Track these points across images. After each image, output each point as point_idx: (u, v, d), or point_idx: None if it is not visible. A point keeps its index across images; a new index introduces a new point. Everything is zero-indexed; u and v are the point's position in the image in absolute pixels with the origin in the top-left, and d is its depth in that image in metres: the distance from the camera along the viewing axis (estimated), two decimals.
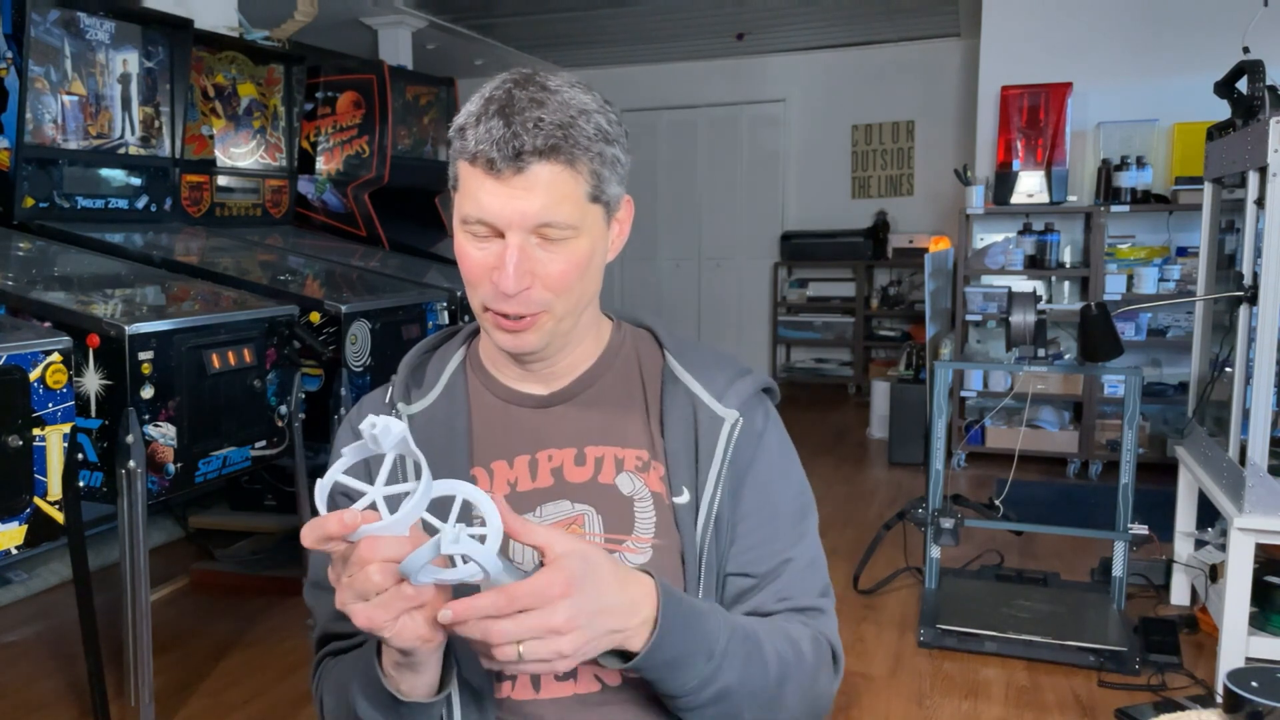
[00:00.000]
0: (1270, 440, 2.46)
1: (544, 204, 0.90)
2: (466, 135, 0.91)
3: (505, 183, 0.89)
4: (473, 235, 0.93)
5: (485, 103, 0.91)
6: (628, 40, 6.84)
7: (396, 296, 3.11)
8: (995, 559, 3.42)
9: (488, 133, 0.89)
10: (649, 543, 0.98)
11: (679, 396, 1.03)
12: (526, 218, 0.90)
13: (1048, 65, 4.90)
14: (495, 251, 0.92)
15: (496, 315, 0.95)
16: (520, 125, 0.88)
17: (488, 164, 0.89)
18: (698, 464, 1.00)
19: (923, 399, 4.66)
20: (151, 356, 2.16)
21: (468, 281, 0.96)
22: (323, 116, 4.05)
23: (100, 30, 2.91)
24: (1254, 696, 1.00)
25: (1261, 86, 2.59)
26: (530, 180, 0.89)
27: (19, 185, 2.73)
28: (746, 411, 1.03)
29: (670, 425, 1.02)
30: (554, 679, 0.96)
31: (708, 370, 1.05)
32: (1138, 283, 4.67)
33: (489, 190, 0.90)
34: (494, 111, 0.90)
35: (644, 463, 1.01)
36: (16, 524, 1.87)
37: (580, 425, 1.02)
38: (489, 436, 1.02)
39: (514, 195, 0.89)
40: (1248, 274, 2.57)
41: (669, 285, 7.75)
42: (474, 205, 0.91)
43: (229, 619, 3.03)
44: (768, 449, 1.05)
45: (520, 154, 0.88)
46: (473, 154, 0.90)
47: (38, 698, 2.55)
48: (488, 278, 0.93)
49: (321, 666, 1.03)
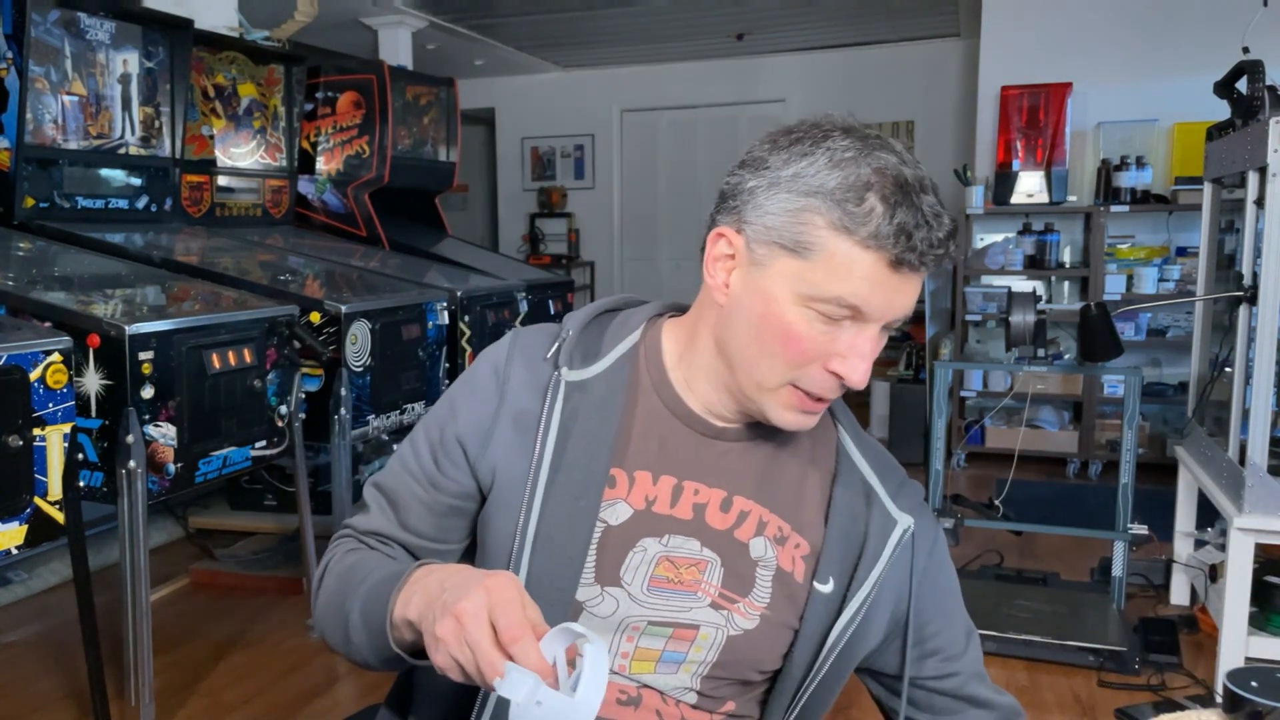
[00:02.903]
0: (1270, 440, 2.46)
1: (910, 306, 0.87)
2: (872, 217, 0.81)
3: (905, 280, 0.84)
4: (819, 315, 0.85)
5: (891, 184, 0.82)
6: (628, 40, 6.83)
7: (396, 296, 3.11)
8: (995, 559, 3.41)
9: (899, 227, 0.81)
10: (760, 611, 0.94)
11: (854, 485, 0.98)
12: (902, 316, 0.87)
13: (1048, 65, 4.90)
14: (844, 338, 0.86)
15: (803, 398, 0.89)
16: (938, 230, 0.83)
17: (897, 262, 0.82)
18: (860, 559, 0.95)
19: (922, 399, 4.66)
20: (151, 356, 2.16)
21: (781, 358, 0.87)
22: (323, 116, 4.05)
23: (100, 30, 2.91)
24: (1254, 696, 1.00)
25: (1261, 86, 2.59)
26: (917, 280, 0.85)
27: (19, 185, 2.73)
28: (919, 519, 1.00)
29: (839, 511, 0.97)
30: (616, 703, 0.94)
31: (879, 462, 1.01)
32: (1137, 283, 4.67)
33: (882, 283, 0.83)
34: (908, 203, 0.82)
35: (783, 534, 0.96)
36: (16, 524, 1.87)
37: (738, 471, 0.96)
38: (642, 442, 0.95)
39: (905, 294, 0.85)
40: (1247, 274, 2.57)
41: (669, 285, 7.74)
42: (852, 291, 0.83)
43: (229, 619, 3.03)
44: (945, 561, 1.05)
45: (926, 262, 0.83)
46: (879, 240, 0.81)
47: (38, 698, 2.55)
48: (821, 363, 0.87)
49: (341, 538, 1.00)
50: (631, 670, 0.94)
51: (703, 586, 0.93)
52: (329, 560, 0.98)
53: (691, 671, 0.94)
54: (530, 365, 0.96)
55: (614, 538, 0.92)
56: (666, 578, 0.92)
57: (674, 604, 0.92)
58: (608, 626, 0.92)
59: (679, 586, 0.92)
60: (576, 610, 0.92)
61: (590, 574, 0.91)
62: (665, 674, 0.94)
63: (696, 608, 0.93)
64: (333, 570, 0.97)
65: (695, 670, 0.94)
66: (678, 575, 0.93)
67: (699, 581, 0.93)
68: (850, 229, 0.82)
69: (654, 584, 0.92)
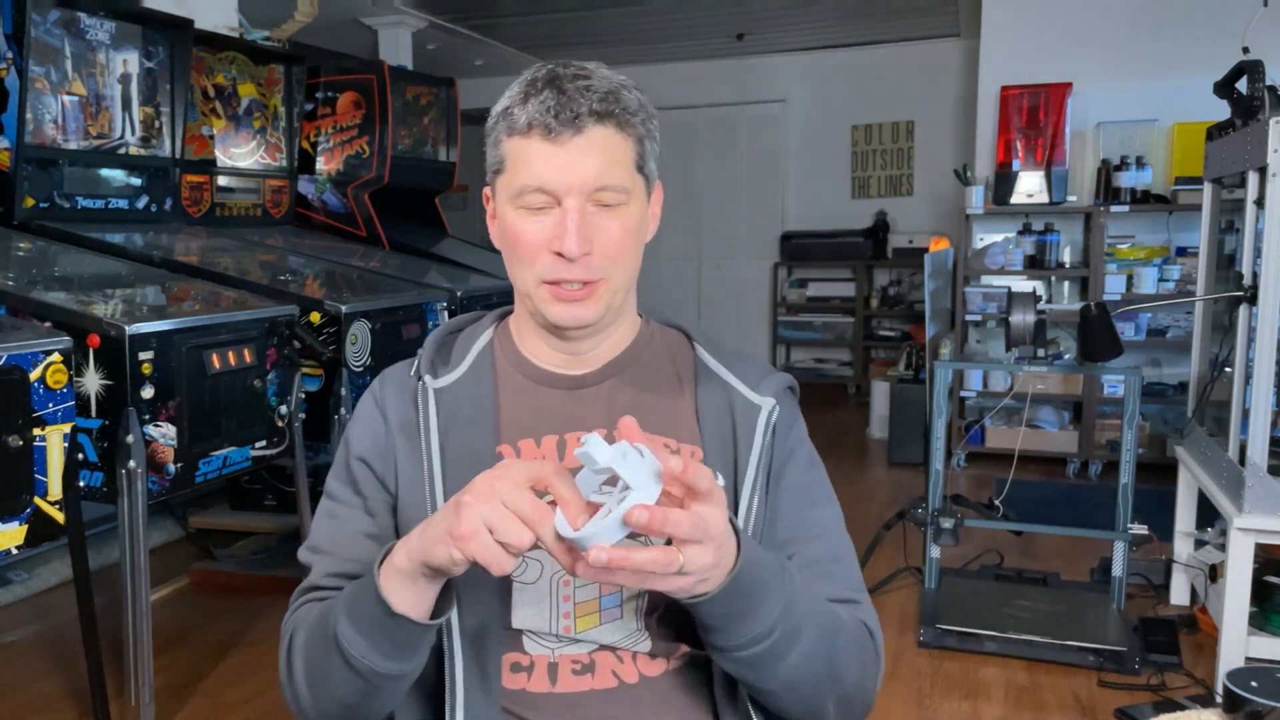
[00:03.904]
0: (1270, 440, 2.46)
1: (601, 166, 0.92)
2: (514, 113, 0.93)
3: (564, 146, 0.91)
4: (527, 210, 0.94)
5: (529, 84, 0.94)
6: (628, 40, 6.83)
7: (396, 296, 3.11)
8: (995, 559, 3.42)
9: (541, 103, 0.91)
10: None
11: (714, 387, 1.05)
12: (586, 181, 0.92)
13: (1048, 65, 4.91)
14: (553, 221, 0.93)
15: (555, 287, 0.96)
16: (575, 91, 0.91)
17: (545, 130, 0.91)
18: (736, 451, 1.01)
19: (922, 399, 4.66)
20: (151, 356, 2.15)
21: (521, 259, 0.96)
22: (323, 116, 4.05)
23: (100, 30, 2.91)
24: (1254, 696, 1.00)
25: (1261, 86, 2.59)
26: (588, 142, 0.92)
27: (19, 185, 2.73)
28: (781, 402, 1.05)
29: (706, 413, 1.03)
30: (571, 673, 0.96)
31: (739, 364, 1.07)
32: (1137, 283, 4.67)
33: (547, 156, 0.92)
34: (542, 86, 0.92)
35: (672, 449, 1.00)
36: (16, 524, 1.87)
37: (610, 409, 1.02)
38: (517, 415, 1.02)
39: (573, 159, 0.92)
40: (1247, 274, 2.57)
41: (669, 285, 7.75)
42: (530, 174, 0.93)
43: (229, 619, 3.03)
44: (803, 441, 1.08)
45: (578, 116, 0.91)
46: (526, 125, 0.92)
47: (38, 698, 2.55)
48: (546, 249, 0.94)
49: (297, 606, 1.00)
50: (578, 629, 0.96)
51: None
52: (291, 630, 0.97)
53: (634, 609, 0.97)
54: (399, 386, 1.06)
55: None
56: None
57: None
58: (538, 594, 0.96)
59: None
60: (507, 586, 0.96)
61: None
62: (611, 622, 0.97)
63: None
64: (300, 627, 0.96)
65: (636, 606, 0.97)
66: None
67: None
68: (513, 128, 0.94)
69: None
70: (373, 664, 0.87)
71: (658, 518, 0.73)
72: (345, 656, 0.87)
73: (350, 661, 0.87)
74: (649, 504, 0.73)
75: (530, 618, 0.96)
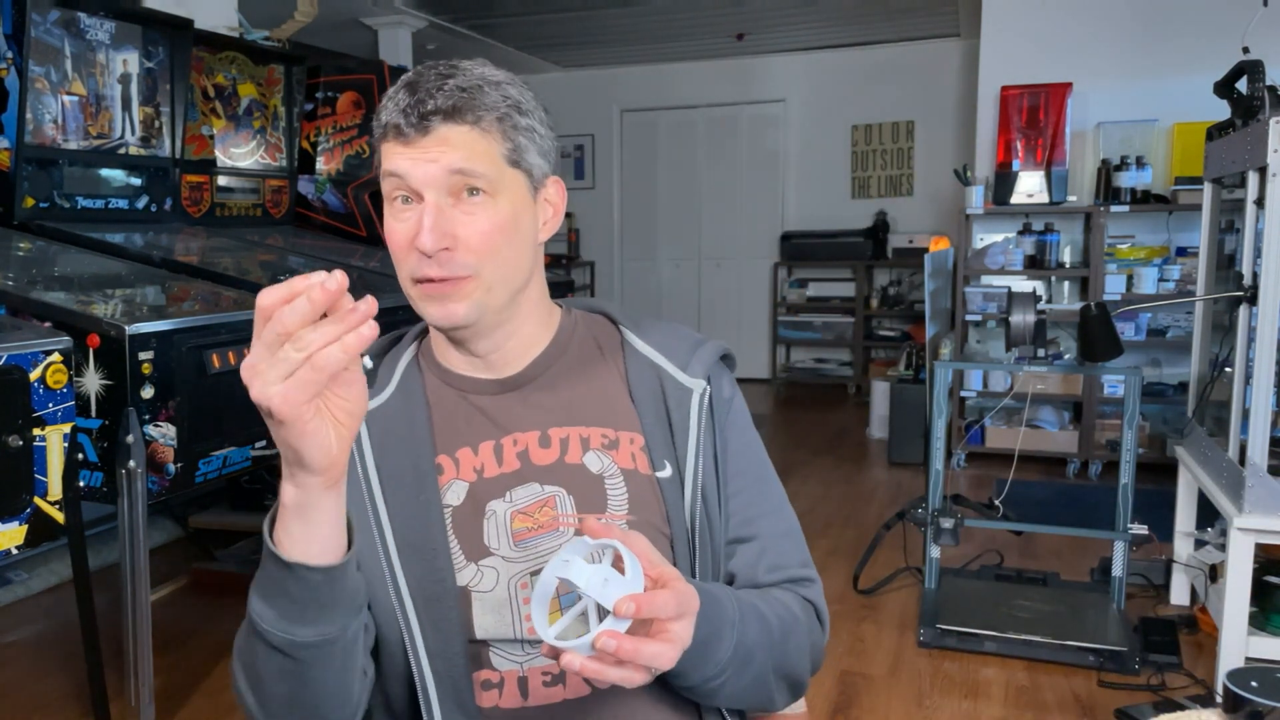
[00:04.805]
0: (1270, 440, 2.46)
1: (455, 160, 0.92)
2: (380, 117, 0.95)
3: (414, 145, 0.92)
4: (397, 209, 0.95)
5: (395, 87, 0.95)
6: (628, 40, 6.84)
7: (396, 296, 3.09)
8: (995, 559, 3.42)
9: (396, 105, 0.93)
10: (623, 519, 0.98)
11: (643, 370, 1.05)
12: (437, 175, 0.92)
13: (1048, 65, 4.91)
14: (416, 218, 0.93)
15: (424, 285, 0.95)
16: (424, 92, 0.92)
17: (396, 131, 0.92)
18: (674, 437, 1.02)
19: (922, 399, 4.66)
20: (152, 356, 2.15)
21: (395, 260, 0.97)
22: (323, 116, 4.05)
23: (100, 30, 2.91)
24: (1254, 696, 1.00)
25: (1261, 86, 2.59)
26: (438, 139, 0.92)
27: (19, 185, 2.73)
28: (713, 380, 1.05)
29: (640, 399, 1.03)
30: (542, 685, 0.96)
31: (667, 341, 1.07)
32: (1137, 283, 4.67)
33: (399, 155, 0.93)
34: (400, 88, 0.94)
35: (610, 440, 1.01)
36: (16, 524, 1.87)
37: (541, 408, 1.02)
38: (450, 426, 1.02)
39: (424, 155, 0.92)
40: (1247, 274, 2.57)
41: (669, 285, 7.75)
42: (392, 171, 0.93)
43: (229, 619, 3.03)
44: (739, 416, 1.08)
45: (425, 116, 0.91)
46: (384, 127, 0.94)
47: (38, 698, 2.55)
48: (411, 247, 0.93)
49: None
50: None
51: (560, 519, 0.98)
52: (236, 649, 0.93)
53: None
54: None
55: (463, 515, 0.98)
56: (526, 528, 0.98)
57: (544, 546, 0.97)
58: (498, 602, 0.95)
59: (540, 530, 0.98)
60: (466, 598, 0.95)
61: (460, 556, 0.96)
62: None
63: (564, 540, 0.96)
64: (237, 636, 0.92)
65: None
66: (534, 521, 0.98)
67: (555, 517, 0.98)
68: (381, 134, 0.95)
69: (518, 539, 0.97)
70: (286, 633, 0.82)
71: (644, 605, 0.77)
72: (263, 636, 0.83)
73: (268, 638, 0.83)
74: (635, 594, 0.78)
75: (492, 625, 0.95)
